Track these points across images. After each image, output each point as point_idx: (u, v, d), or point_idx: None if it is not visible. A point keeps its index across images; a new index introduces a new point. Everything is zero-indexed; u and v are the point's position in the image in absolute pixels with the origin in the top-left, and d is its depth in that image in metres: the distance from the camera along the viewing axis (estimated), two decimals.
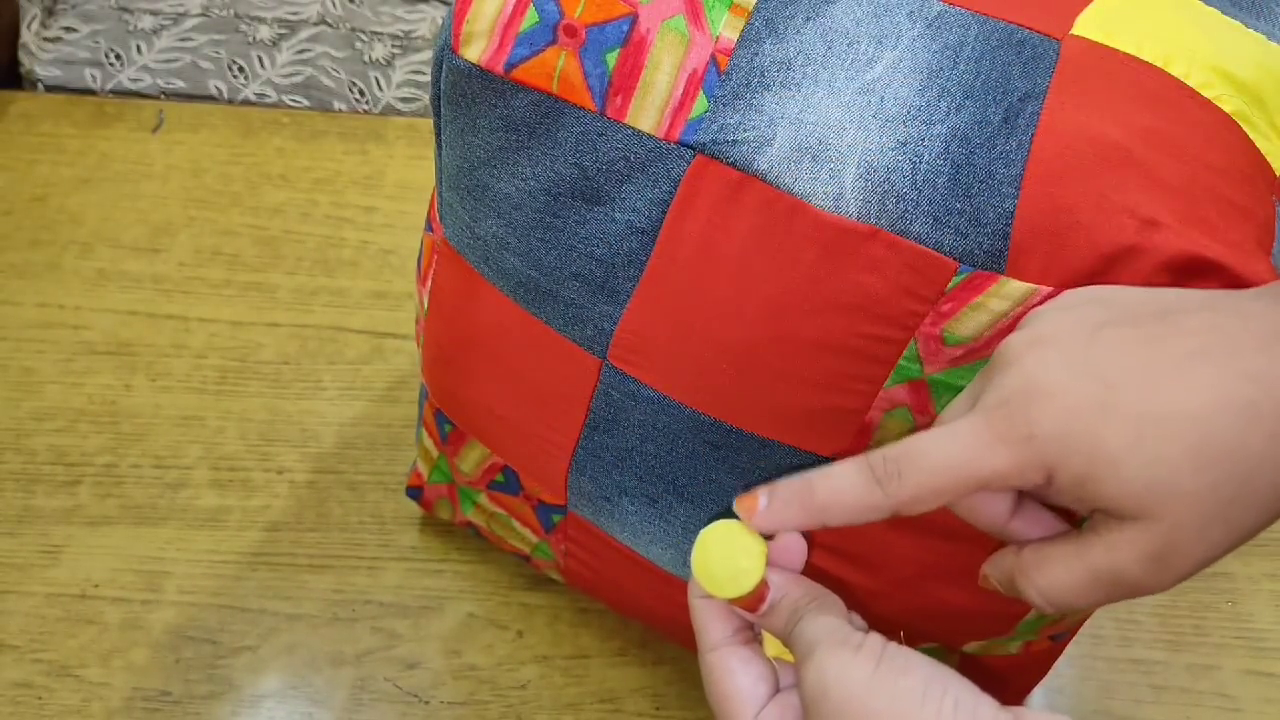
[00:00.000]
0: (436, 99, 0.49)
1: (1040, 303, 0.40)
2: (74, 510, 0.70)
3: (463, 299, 0.54)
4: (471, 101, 0.46)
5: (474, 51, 0.45)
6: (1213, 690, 0.67)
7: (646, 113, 0.43)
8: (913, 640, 0.54)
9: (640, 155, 0.44)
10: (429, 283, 0.57)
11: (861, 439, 0.46)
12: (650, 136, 0.43)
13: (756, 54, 0.42)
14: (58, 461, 0.72)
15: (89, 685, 0.63)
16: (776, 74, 0.42)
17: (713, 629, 0.35)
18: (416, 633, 0.66)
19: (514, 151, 0.46)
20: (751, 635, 0.37)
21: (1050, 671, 0.58)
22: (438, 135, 0.51)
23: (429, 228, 0.57)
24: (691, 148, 0.43)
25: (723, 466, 0.50)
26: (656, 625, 0.62)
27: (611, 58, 0.43)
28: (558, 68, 0.44)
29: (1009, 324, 0.41)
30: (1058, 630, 0.55)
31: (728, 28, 0.42)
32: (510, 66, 0.44)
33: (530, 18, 0.44)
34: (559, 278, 0.48)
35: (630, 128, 0.43)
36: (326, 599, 0.67)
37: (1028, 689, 0.58)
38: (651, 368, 0.48)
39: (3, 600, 0.66)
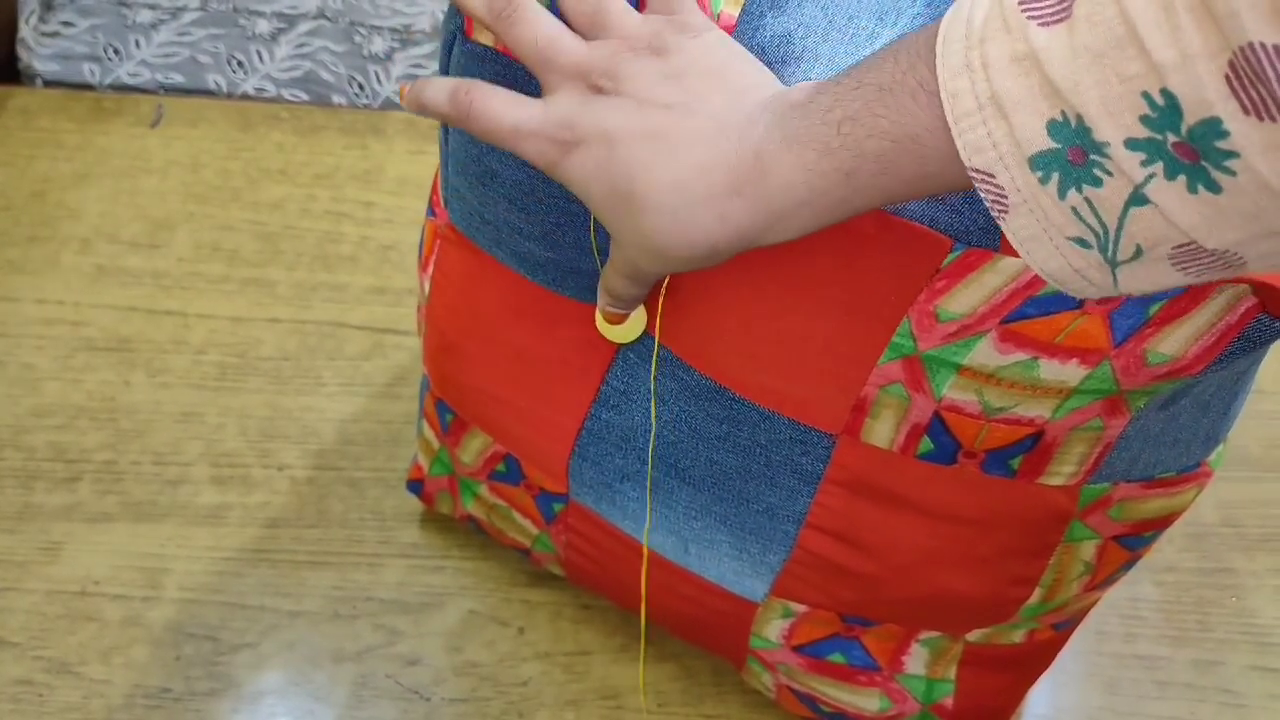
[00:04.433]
0: None
1: (1036, 277, 0.40)
2: (74, 507, 0.69)
3: (470, 282, 0.54)
4: None
5: (488, 35, 0.45)
6: (1217, 686, 0.67)
7: None
8: (915, 628, 0.54)
9: None
10: (431, 268, 0.57)
11: (858, 415, 0.46)
12: None
13: (758, 29, 0.42)
14: (57, 458, 0.71)
15: (89, 682, 0.63)
16: (777, 48, 0.42)
17: None
18: (417, 629, 0.66)
19: None
20: None
21: (1054, 666, 0.58)
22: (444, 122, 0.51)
23: (431, 213, 0.57)
24: None
25: (725, 445, 0.50)
26: (657, 618, 0.62)
27: None
28: None
29: (1003, 300, 0.41)
30: (1060, 619, 0.55)
31: (729, 4, 0.43)
32: None
33: (542, 1, 0.44)
34: (578, 254, 0.49)
35: None
36: (327, 596, 0.67)
37: (1032, 679, 0.58)
38: (672, 332, 0.48)
39: (3, 597, 0.65)
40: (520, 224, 0.49)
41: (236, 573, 0.67)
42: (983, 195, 0.32)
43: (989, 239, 0.40)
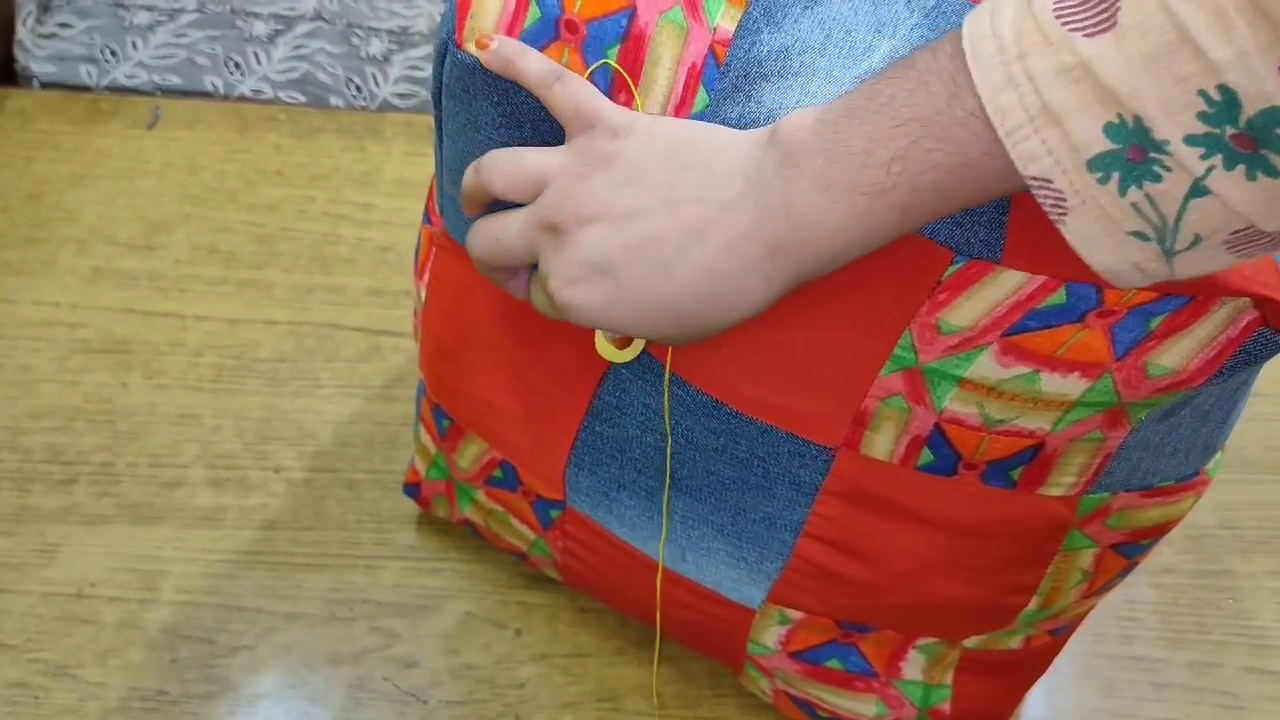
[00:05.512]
0: (437, 93, 0.49)
1: (1038, 290, 0.40)
2: (70, 509, 0.69)
3: (464, 290, 0.54)
4: (475, 96, 0.46)
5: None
6: (1214, 688, 0.67)
7: (649, 109, 0.43)
8: (913, 635, 0.54)
9: None
10: (427, 275, 0.57)
11: (858, 427, 0.46)
12: None
13: (754, 44, 0.42)
14: (54, 460, 0.71)
15: (86, 685, 0.63)
16: (774, 63, 0.42)
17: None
18: (414, 632, 0.66)
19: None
20: None
21: (1051, 669, 0.58)
22: (438, 129, 0.51)
23: (427, 220, 0.56)
24: None
25: (722, 457, 0.50)
26: (655, 622, 0.62)
27: (612, 53, 0.43)
28: (562, 64, 0.43)
29: (1004, 312, 0.41)
30: (1058, 625, 0.55)
31: (725, 18, 0.42)
32: None
33: (533, 13, 0.43)
34: None
35: None
36: (324, 598, 0.67)
37: (1029, 684, 0.58)
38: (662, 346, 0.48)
39: None
40: None
41: (233, 575, 0.67)
42: (1040, 200, 0.33)
43: (990, 251, 0.40)
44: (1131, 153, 0.31)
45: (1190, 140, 0.31)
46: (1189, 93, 0.30)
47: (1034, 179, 0.33)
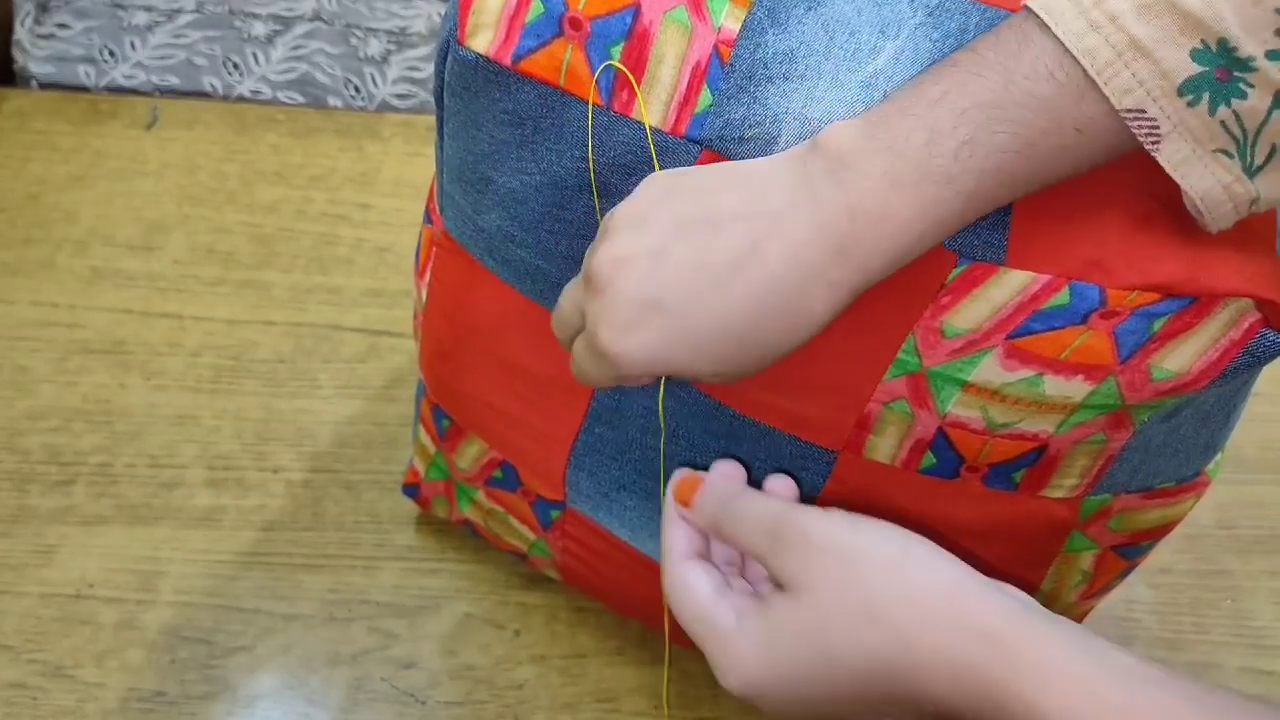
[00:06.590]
0: (439, 90, 0.49)
1: (1041, 291, 0.40)
2: (68, 510, 0.69)
3: (464, 290, 0.54)
4: (476, 94, 0.46)
5: (481, 42, 0.45)
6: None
7: (653, 107, 0.43)
8: None
9: (648, 150, 0.44)
10: (427, 275, 0.57)
11: (861, 431, 0.46)
12: (658, 131, 0.43)
13: (759, 45, 0.42)
14: (52, 461, 0.71)
15: (84, 686, 0.63)
16: (779, 65, 0.42)
17: (679, 543, 0.45)
18: (413, 632, 0.66)
19: (519, 146, 0.46)
20: (706, 552, 0.46)
21: None
22: (440, 127, 0.51)
23: (428, 220, 0.56)
24: (698, 142, 0.43)
25: (722, 459, 0.50)
26: (655, 623, 0.62)
27: (616, 51, 0.43)
28: (565, 61, 0.43)
29: (1008, 315, 0.41)
30: None
31: (729, 18, 0.42)
32: (518, 58, 0.44)
33: (535, 9, 0.43)
34: (569, 266, 0.48)
35: (638, 123, 0.43)
36: (322, 599, 0.67)
37: None
38: None
39: None
40: (513, 231, 0.49)
41: (231, 576, 0.67)
42: (1135, 131, 0.35)
43: (994, 253, 0.40)
44: (1219, 73, 0.34)
45: (1271, 55, 0.33)
46: (1268, 12, 0.33)
47: (1128, 111, 0.35)
